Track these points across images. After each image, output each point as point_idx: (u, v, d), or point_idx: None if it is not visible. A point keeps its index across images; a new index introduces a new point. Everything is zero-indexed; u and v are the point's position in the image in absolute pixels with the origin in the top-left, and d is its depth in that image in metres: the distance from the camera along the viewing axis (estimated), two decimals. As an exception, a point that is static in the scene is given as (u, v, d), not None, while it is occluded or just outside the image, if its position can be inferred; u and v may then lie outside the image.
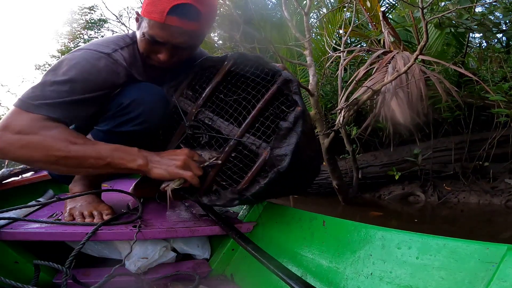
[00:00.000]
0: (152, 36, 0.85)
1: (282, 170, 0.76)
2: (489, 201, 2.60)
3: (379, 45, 2.75)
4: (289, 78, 0.82)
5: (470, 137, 2.75)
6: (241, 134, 0.85)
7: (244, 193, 0.81)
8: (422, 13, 1.71)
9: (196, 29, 0.85)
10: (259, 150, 0.82)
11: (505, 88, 2.21)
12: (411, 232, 0.61)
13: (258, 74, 0.87)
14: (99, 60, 0.84)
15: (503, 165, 2.69)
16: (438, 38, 2.77)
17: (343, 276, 0.67)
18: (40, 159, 0.74)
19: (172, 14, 0.80)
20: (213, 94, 0.94)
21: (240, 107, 0.87)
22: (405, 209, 2.65)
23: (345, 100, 2.26)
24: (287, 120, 0.79)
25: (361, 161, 3.11)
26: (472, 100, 2.48)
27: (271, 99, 0.84)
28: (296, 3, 3.06)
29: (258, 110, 0.85)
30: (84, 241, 0.75)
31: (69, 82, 0.78)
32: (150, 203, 1.23)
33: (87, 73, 0.81)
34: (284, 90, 0.82)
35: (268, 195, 0.98)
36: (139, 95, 0.89)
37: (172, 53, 0.89)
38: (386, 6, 3.85)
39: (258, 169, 0.81)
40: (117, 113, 0.89)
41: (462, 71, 2.24)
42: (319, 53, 3.54)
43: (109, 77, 0.86)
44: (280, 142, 0.78)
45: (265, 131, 0.83)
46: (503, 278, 0.45)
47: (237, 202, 0.83)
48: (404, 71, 1.92)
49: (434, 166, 2.84)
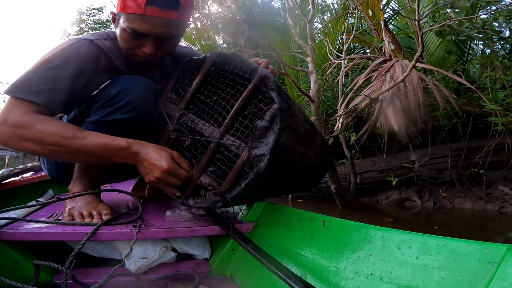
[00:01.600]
0: (133, 29, 0.85)
1: (261, 171, 0.74)
2: (483, 207, 2.66)
3: (381, 52, 2.77)
4: (265, 75, 0.80)
5: (467, 144, 2.80)
6: (220, 136, 0.84)
7: (226, 195, 0.80)
8: (418, 25, 1.76)
9: (176, 17, 0.85)
10: (238, 151, 0.80)
11: (501, 97, 2.25)
12: (411, 232, 0.61)
13: (236, 72, 0.85)
14: (81, 47, 0.87)
15: (498, 172, 2.74)
16: (440, 45, 2.79)
17: (343, 276, 0.67)
18: (35, 150, 0.79)
19: (150, 5, 0.81)
20: (194, 96, 0.93)
21: (220, 107, 0.86)
22: (402, 213, 2.71)
23: (344, 107, 2.30)
24: (264, 119, 0.76)
25: (360, 166, 3.17)
26: (471, 108, 2.51)
27: (249, 98, 0.82)
28: (299, 10, 3.10)
29: (236, 110, 0.83)
30: (84, 241, 0.75)
31: (55, 68, 0.82)
32: (150, 203, 1.23)
33: (71, 59, 0.84)
34: (261, 87, 0.80)
35: (256, 194, 0.97)
36: (127, 85, 0.90)
37: (156, 45, 0.89)
38: (389, 12, 3.85)
39: (237, 170, 0.78)
40: (105, 103, 0.89)
41: (459, 79, 2.28)
42: (321, 58, 3.57)
43: (92, 62, 0.88)
44: (258, 142, 0.76)
45: (245, 131, 0.81)
46: (503, 278, 0.45)
47: (221, 204, 0.82)
48: (400, 81, 1.96)
49: (430, 172, 2.91)
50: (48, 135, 0.78)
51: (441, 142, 3.01)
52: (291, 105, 0.86)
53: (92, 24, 13.94)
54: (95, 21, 14.00)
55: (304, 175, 1.02)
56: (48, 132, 0.78)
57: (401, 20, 3.12)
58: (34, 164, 1.67)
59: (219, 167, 0.85)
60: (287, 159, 0.82)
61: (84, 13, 14.50)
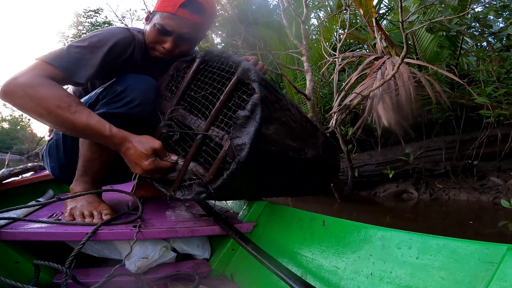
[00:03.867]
0: (162, 25, 0.97)
1: (242, 160, 0.74)
2: (477, 198, 2.72)
3: (375, 49, 2.81)
4: (247, 67, 0.82)
5: (461, 136, 2.86)
6: (206, 128, 0.86)
7: (210, 185, 0.80)
8: (402, 26, 1.84)
9: (200, 22, 0.98)
10: (222, 142, 0.81)
11: (489, 91, 2.30)
12: (411, 232, 0.61)
13: (223, 68, 0.88)
14: (120, 33, 0.98)
15: (492, 163, 2.79)
16: (433, 40, 2.83)
17: (343, 276, 0.67)
18: (32, 110, 0.82)
19: (183, 7, 0.95)
20: (185, 92, 0.96)
21: (208, 101, 0.89)
22: (399, 205, 2.77)
23: (338, 104, 2.38)
24: (245, 109, 0.77)
25: (358, 160, 3.23)
26: (464, 101, 2.55)
27: (233, 90, 0.84)
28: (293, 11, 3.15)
29: (221, 103, 0.84)
30: (84, 241, 0.75)
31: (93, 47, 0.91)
32: (150, 203, 1.23)
33: (108, 40, 0.94)
34: (244, 79, 0.82)
35: (244, 188, 0.97)
36: (133, 82, 0.96)
37: (176, 43, 1.00)
38: (384, 8, 3.87)
39: (220, 160, 0.79)
40: (112, 99, 0.94)
41: (449, 75, 2.33)
42: (317, 56, 3.60)
43: (123, 47, 0.99)
44: (239, 132, 0.76)
45: (229, 123, 0.82)
46: (503, 278, 0.45)
47: (204, 195, 0.81)
48: (389, 79, 2.03)
49: (426, 164, 2.97)
50: (46, 99, 0.81)
51: (436, 135, 3.08)
52: (280, 99, 0.87)
53: (90, 26, 14.05)
54: (93, 23, 14.11)
55: (301, 173, 1.02)
56: (47, 96, 0.81)
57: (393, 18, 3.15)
58: (34, 164, 1.67)
59: (206, 159, 0.86)
60: (275, 152, 0.82)
61: (81, 15, 14.60)
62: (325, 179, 1.18)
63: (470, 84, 2.66)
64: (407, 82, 2.09)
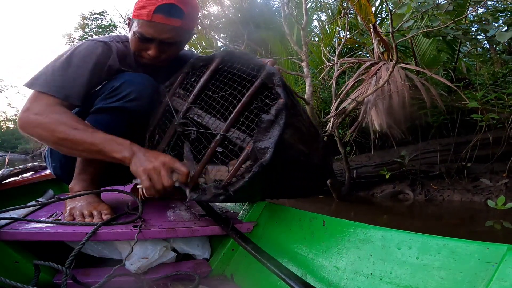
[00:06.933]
0: (140, 33, 0.95)
1: (265, 163, 0.74)
2: (470, 199, 2.82)
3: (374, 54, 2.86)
4: (272, 71, 0.81)
5: (456, 139, 2.95)
6: (226, 129, 0.85)
7: (229, 188, 0.80)
8: (392, 36, 1.91)
9: (179, 25, 0.95)
10: (243, 144, 0.80)
11: (479, 96, 2.37)
12: (411, 232, 0.61)
13: (244, 70, 0.87)
14: (97, 48, 0.97)
15: (485, 165, 2.87)
16: (431, 44, 2.90)
17: (343, 276, 0.67)
18: (47, 138, 0.87)
19: (157, 13, 0.91)
20: (202, 91, 0.95)
21: (227, 103, 0.88)
22: (395, 205, 2.86)
23: (336, 108, 2.47)
24: (270, 113, 0.77)
25: (356, 162, 3.33)
26: (459, 104, 2.62)
27: (255, 93, 0.84)
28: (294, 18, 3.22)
29: (243, 105, 0.84)
30: (84, 241, 0.75)
31: (75, 66, 0.93)
32: (150, 203, 1.23)
33: (88, 58, 0.94)
34: (268, 83, 0.82)
35: (258, 191, 0.97)
36: (130, 78, 0.97)
37: (160, 49, 0.99)
38: (385, 12, 3.89)
39: (242, 163, 0.79)
40: (109, 94, 0.95)
41: (440, 79, 2.44)
42: (318, 60, 3.64)
43: (105, 61, 0.98)
44: (263, 135, 0.76)
45: (250, 126, 0.82)
46: (503, 278, 0.45)
47: (223, 197, 0.81)
48: (381, 86, 2.10)
49: (422, 166, 3.07)
50: (60, 124, 0.86)
51: (432, 138, 3.17)
52: (295, 104, 0.87)
53: (96, 29, 14.23)
54: (98, 26, 14.29)
55: (307, 177, 1.02)
56: (60, 121, 0.86)
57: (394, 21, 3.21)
58: (34, 164, 1.67)
59: (223, 161, 0.85)
60: (291, 156, 0.83)
61: (86, 18, 14.76)
62: (322, 181, 1.18)
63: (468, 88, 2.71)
64: (400, 88, 2.17)
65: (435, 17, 2.19)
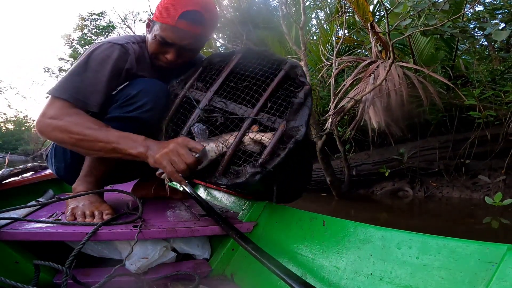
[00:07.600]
0: (163, 37, 0.96)
1: (300, 139, 0.83)
2: (469, 196, 2.84)
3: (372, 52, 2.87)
4: (295, 64, 0.93)
5: (455, 136, 2.97)
6: (256, 113, 0.92)
7: (266, 165, 0.84)
8: (389, 36, 1.93)
9: (200, 32, 0.97)
10: (274, 125, 0.89)
11: (476, 93, 2.39)
12: (411, 232, 0.61)
13: (264, 64, 0.98)
14: (113, 51, 0.97)
15: (483, 162, 2.88)
16: (429, 42, 2.90)
17: (343, 276, 0.67)
18: (64, 140, 0.89)
19: (182, 19, 0.92)
20: (224, 83, 1.01)
21: (251, 92, 0.96)
22: (395, 203, 2.87)
23: (334, 107, 2.49)
24: (298, 97, 0.89)
25: (355, 159, 3.35)
26: (457, 102, 2.63)
27: (279, 83, 0.94)
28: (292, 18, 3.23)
29: (270, 92, 0.94)
30: (84, 241, 0.75)
31: (93, 71, 0.93)
32: (150, 203, 1.23)
33: (105, 63, 0.95)
34: (291, 74, 0.93)
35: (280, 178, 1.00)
36: (145, 86, 0.97)
37: (178, 54, 1.00)
38: (382, 10, 3.88)
39: (277, 140, 0.86)
40: (124, 103, 0.96)
41: (437, 76, 2.44)
42: (316, 59, 3.64)
43: (120, 64, 0.98)
44: (294, 116, 0.87)
45: (277, 110, 0.92)
46: (503, 278, 0.45)
47: (259, 176, 0.84)
48: (378, 84, 2.11)
49: (421, 164, 3.08)
50: (75, 125, 0.87)
51: (431, 135, 3.19)
52: None
53: (94, 29, 14.25)
54: (97, 26, 14.30)
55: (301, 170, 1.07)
56: (75, 123, 0.88)
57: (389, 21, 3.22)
58: (34, 164, 1.67)
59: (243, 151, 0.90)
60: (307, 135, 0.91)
61: (85, 18, 14.78)
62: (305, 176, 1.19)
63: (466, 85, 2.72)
64: (398, 86, 2.18)
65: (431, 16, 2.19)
